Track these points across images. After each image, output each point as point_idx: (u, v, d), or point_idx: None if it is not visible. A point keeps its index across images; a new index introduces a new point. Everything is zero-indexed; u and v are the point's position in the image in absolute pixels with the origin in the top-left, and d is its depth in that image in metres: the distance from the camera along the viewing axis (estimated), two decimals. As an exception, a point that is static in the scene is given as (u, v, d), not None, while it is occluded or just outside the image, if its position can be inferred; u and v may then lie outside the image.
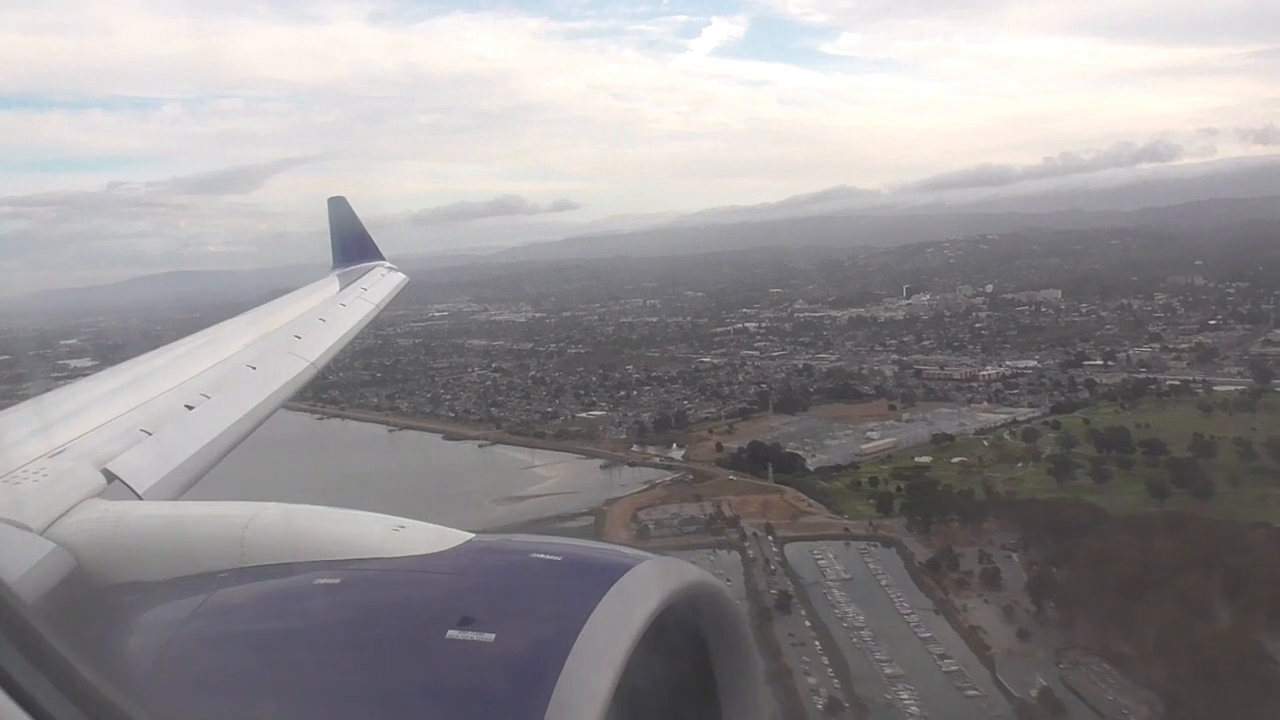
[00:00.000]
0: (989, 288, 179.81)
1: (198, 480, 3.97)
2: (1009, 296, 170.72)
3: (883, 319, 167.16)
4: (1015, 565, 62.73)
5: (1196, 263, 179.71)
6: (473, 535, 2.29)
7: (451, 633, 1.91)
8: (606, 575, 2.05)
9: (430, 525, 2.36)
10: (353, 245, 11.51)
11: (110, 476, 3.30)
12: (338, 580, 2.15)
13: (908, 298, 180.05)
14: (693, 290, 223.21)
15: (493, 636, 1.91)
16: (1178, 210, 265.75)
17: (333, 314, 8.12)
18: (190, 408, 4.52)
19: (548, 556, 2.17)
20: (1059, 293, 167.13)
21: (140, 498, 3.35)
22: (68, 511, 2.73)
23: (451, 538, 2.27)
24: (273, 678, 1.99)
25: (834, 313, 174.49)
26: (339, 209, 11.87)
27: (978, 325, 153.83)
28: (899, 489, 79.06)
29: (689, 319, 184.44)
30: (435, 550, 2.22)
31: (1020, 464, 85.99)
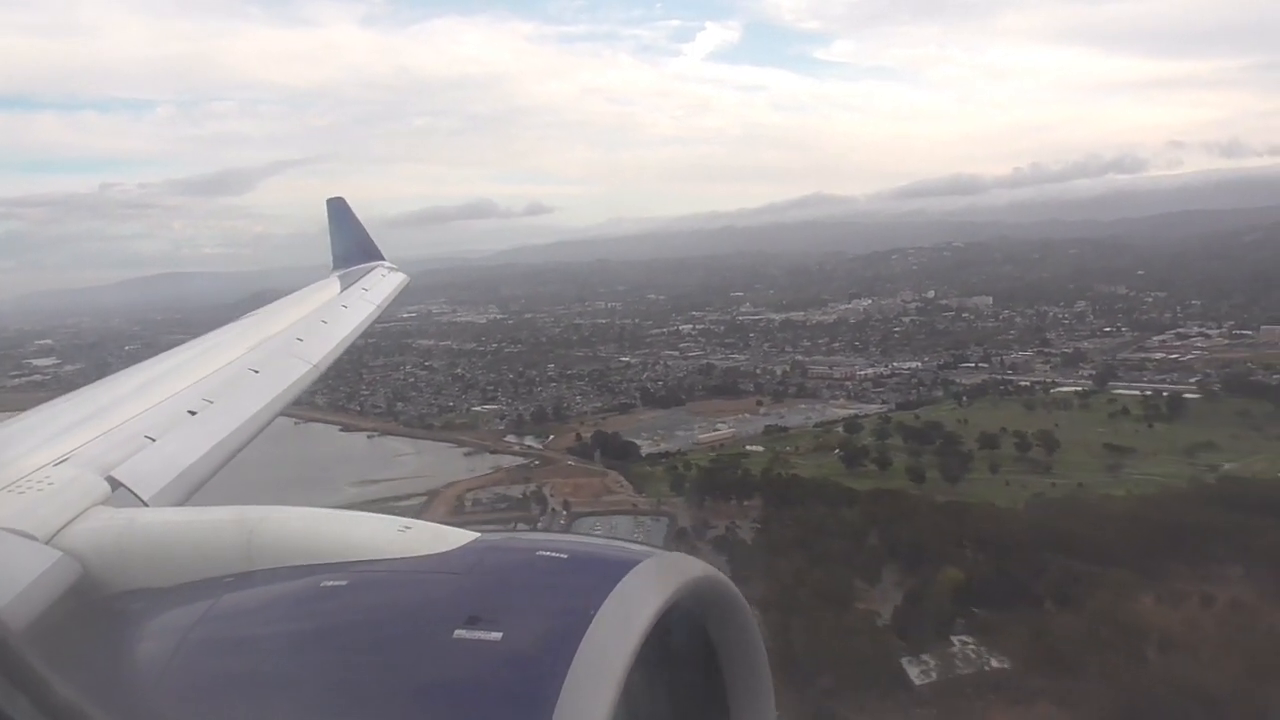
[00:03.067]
0: (931, 293, 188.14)
1: (202, 485, 4.07)
2: (943, 302, 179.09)
3: (814, 322, 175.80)
4: (754, 534, 72.26)
5: (1139, 272, 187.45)
6: (478, 534, 2.38)
7: (459, 632, 1.96)
8: (613, 571, 2.11)
9: (435, 525, 2.44)
10: (353, 246, 11.72)
11: (115, 483, 3.33)
12: (344, 582, 2.22)
13: (849, 302, 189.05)
14: (656, 294, 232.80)
15: (500, 635, 1.95)
16: (1149, 221, 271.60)
17: (334, 315, 8.33)
18: (193, 413, 4.59)
19: (553, 554, 2.26)
20: (990, 299, 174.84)
21: (146, 504, 3.38)
22: (73, 519, 2.77)
23: (456, 537, 2.35)
24: (282, 680, 2.04)
25: (773, 316, 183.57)
26: (338, 210, 12.10)
27: (896, 329, 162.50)
28: (700, 472, 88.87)
29: (635, 321, 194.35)
30: (440, 550, 2.30)
31: (836, 451, 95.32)
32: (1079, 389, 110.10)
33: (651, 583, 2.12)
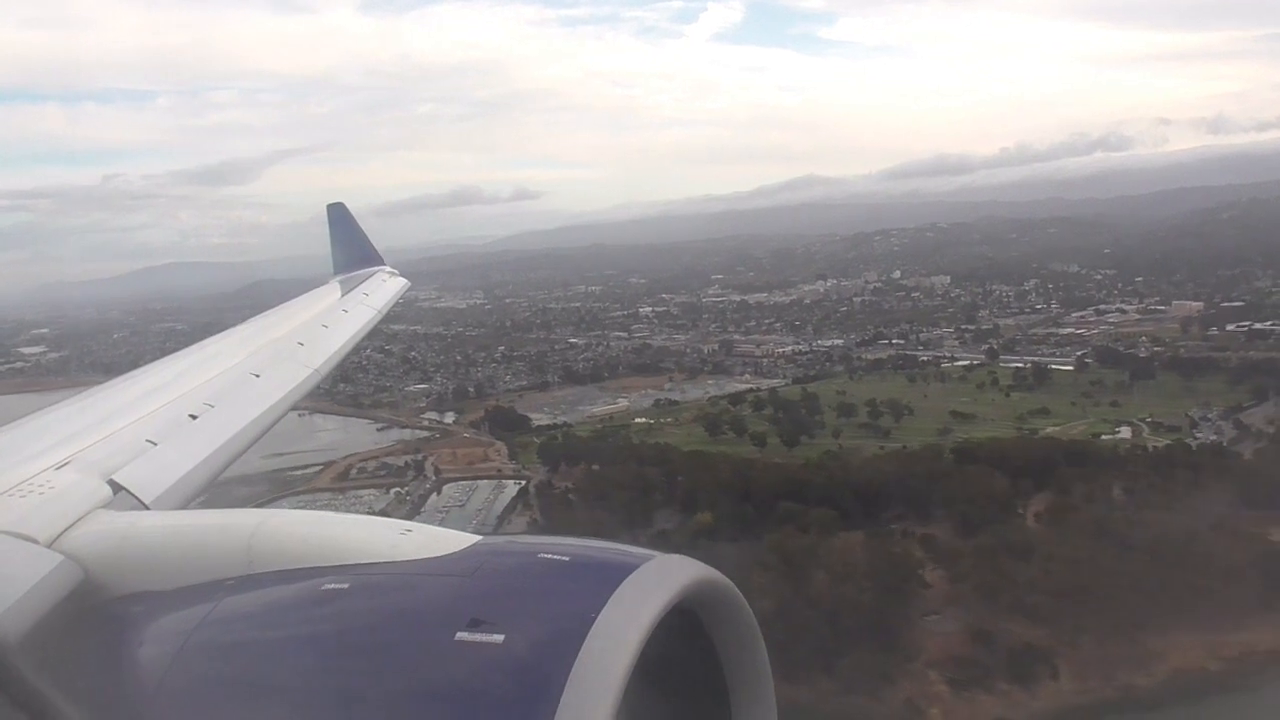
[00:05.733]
0: (898, 274, 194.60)
1: (204, 489, 4.18)
2: (905, 282, 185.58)
3: (771, 303, 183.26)
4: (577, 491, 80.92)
5: (1105, 251, 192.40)
6: (479, 537, 2.45)
7: (460, 634, 2.03)
8: (614, 574, 2.17)
9: (437, 528, 2.52)
10: (353, 251, 12.03)
11: (116, 487, 3.43)
12: (345, 585, 2.28)
13: (814, 284, 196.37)
14: (638, 278, 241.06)
15: (502, 637, 2.01)
16: (1144, 199, 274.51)
17: (335, 320, 8.59)
18: (195, 417, 4.72)
19: (555, 557, 2.31)
20: (947, 278, 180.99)
21: (147, 507, 3.47)
22: (75, 523, 2.84)
23: (458, 540, 2.42)
24: (283, 683, 2.11)
25: (736, 297, 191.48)
26: (338, 215, 12.39)
27: (842, 309, 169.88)
28: (570, 441, 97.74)
29: (603, 304, 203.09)
30: (442, 553, 2.36)
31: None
32: (968, 363, 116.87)
33: (653, 585, 2.17)
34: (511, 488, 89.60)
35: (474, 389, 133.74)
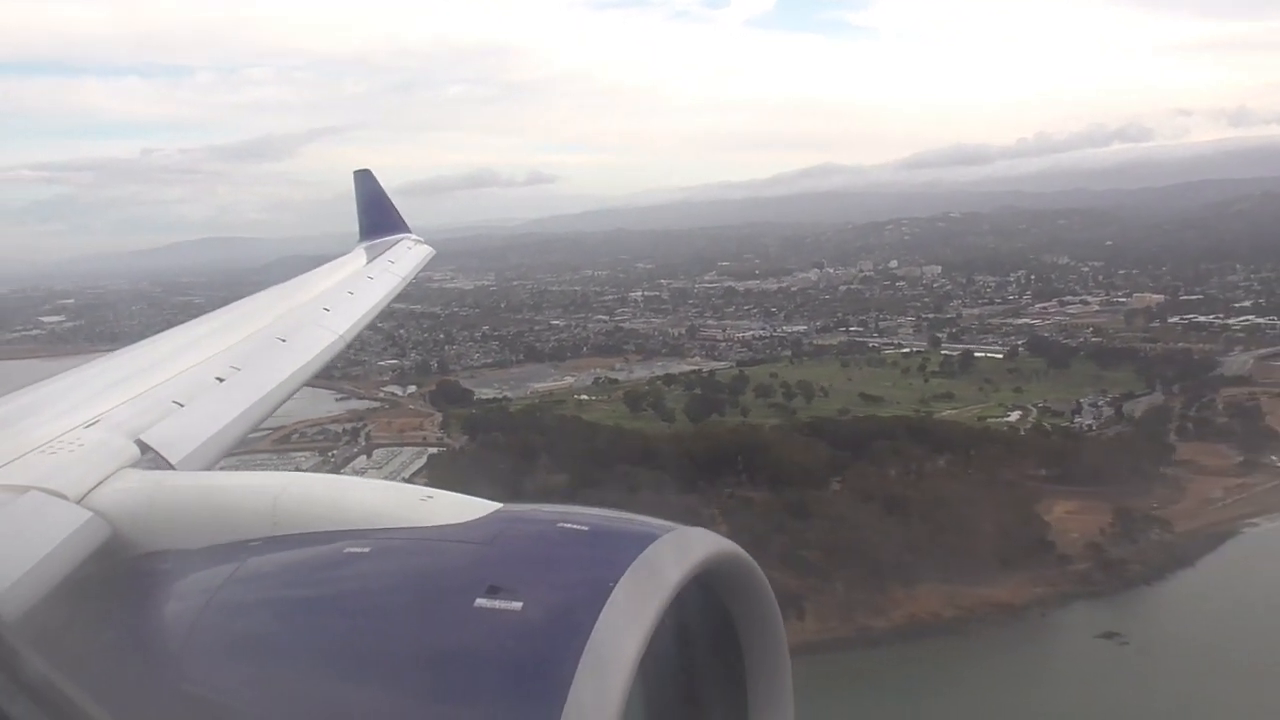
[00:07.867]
0: (894, 263, 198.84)
1: (229, 451, 4.34)
2: (899, 271, 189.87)
3: (759, 290, 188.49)
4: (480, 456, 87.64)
5: (1107, 243, 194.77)
6: (500, 505, 2.50)
7: (479, 601, 2.08)
8: (634, 545, 2.20)
9: (458, 495, 2.58)
10: (379, 218, 12.52)
11: (144, 447, 3.54)
12: (367, 549, 2.36)
13: (808, 271, 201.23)
14: (646, 263, 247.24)
15: (520, 605, 2.06)
16: (1164, 191, 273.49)
17: (360, 287, 8.84)
18: (221, 380, 4.88)
19: (575, 526, 2.36)
20: (938, 268, 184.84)
21: (174, 467, 3.57)
22: (103, 481, 2.95)
23: (478, 507, 2.47)
24: (304, 644, 2.19)
25: (728, 284, 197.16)
26: (365, 182, 12.90)
27: (825, 296, 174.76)
28: (498, 414, 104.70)
29: (599, 289, 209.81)
30: (462, 519, 2.42)
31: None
32: (908, 350, 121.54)
33: (671, 557, 2.21)
34: (435, 453, 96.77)
35: (437, 365, 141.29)
